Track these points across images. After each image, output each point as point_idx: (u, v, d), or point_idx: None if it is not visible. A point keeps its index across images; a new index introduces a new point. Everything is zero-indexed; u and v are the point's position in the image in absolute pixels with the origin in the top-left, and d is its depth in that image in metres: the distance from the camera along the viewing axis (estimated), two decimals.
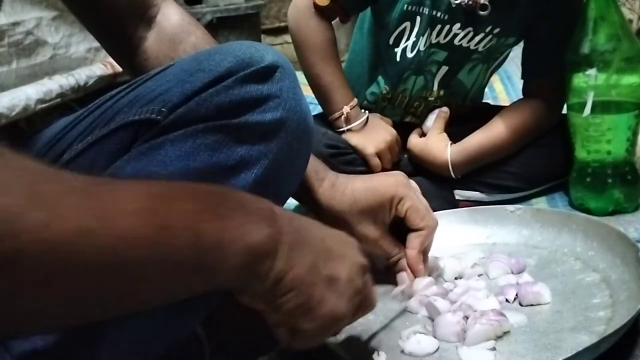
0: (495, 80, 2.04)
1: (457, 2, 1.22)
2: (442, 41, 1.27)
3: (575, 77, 1.17)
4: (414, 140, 1.31)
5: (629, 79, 1.15)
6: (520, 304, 0.85)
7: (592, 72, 1.14)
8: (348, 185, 0.87)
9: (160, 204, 0.44)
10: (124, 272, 0.42)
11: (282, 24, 2.94)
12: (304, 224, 0.59)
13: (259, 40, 2.59)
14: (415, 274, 0.88)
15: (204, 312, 0.66)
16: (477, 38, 1.26)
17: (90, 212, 0.39)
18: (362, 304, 0.64)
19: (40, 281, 0.37)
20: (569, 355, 0.67)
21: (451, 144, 1.28)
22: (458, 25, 1.24)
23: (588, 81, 1.15)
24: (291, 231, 0.54)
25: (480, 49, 1.28)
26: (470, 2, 1.22)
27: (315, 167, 0.84)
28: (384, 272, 0.91)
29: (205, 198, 0.49)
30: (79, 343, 0.55)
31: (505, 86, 2.01)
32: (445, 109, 1.31)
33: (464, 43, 1.27)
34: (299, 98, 0.67)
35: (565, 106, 1.24)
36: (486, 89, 1.48)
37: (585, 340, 0.73)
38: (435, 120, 1.30)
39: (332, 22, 1.30)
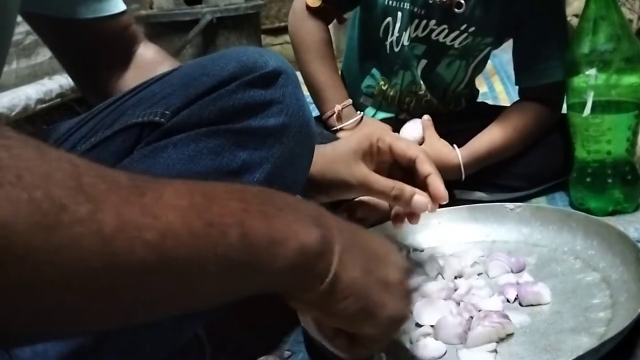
0: (495, 80, 2.04)
1: None
2: (420, 35, 1.28)
3: (575, 77, 1.18)
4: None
5: (629, 79, 1.15)
6: (520, 304, 0.85)
7: (592, 72, 1.14)
8: (328, 145, 0.87)
9: (206, 201, 0.43)
10: (174, 268, 0.40)
11: (282, 24, 2.94)
12: (350, 226, 0.57)
13: (259, 40, 2.59)
14: (440, 199, 0.82)
15: (205, 316, 0.66)
16: (452, 35, 1.28)
17: (136, 207, 0.38)
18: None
19: (87, 275, 0.36)
20: (570, 359, 0.67)
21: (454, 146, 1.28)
22: (434, 21, 1.26)
23: (588, 81, 1.15)
24: (342, 234, 0.53)
25: (456, 46, 1.30)
26: (445, 0, 1.23)
27: None
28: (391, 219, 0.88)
29: (251, 197, 0.47)
30: (79, 344, 0.55)
31: (505, 86, 2.01)
32: (426, 116, 1.30)
33: (441, 38, 1.28)
34: (302, 104, 0.67)
35: (565, 106, 1.25)
36: (486, 89, 1.49)
37: (585, 342, 0.73)
38: (426, 129, 1.28)
39: (332, 23, 1.32)
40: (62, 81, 1.75)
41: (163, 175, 0.58)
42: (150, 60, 0.86)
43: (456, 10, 1.24)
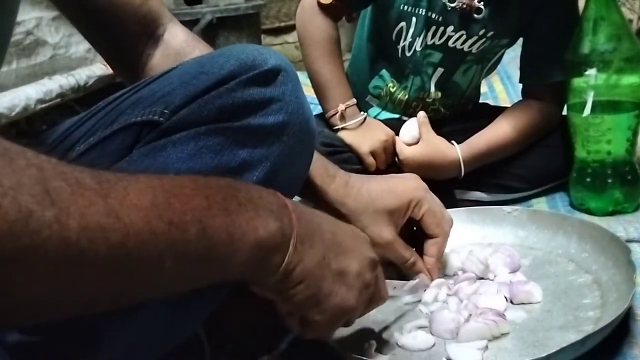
0: (495, 80, 2.04)
1: (452, 4, 1.23)
2: (437, 42, 1.28)
3: (575, 77, 1.18)
4: (410, 150, 1.28)
5: (629, 79, 1.15)
6: (512, 302, 0.86)
7: (592, 72, 1.15)
8: (363, 185, 0.87)
9: (168, 199, 0.45)
10: (135, 265, 0.43)
11: (282, 24, 2.94)
12: (316, 218, 0.60)
13: (259, 40, 2.59)
14: (432, 279, 0.90)
15: (203, 314, 0.66)
16: (470, 41, 1.27)
17: (101, 209, 0.40)
18: (373, 297, 0.66)
19: (54, 274, 0.39)
20: (554, 351, 0.68)
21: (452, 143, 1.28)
22: (452, 27, 1.26)
23: (588, 81, 1.15)
24: (302, 225, 0.55)
25: (474, 51, 1.29)
26: (465, 6, 1.23)
27: (324, 165, 0.85)
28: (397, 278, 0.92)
29: (214, 193, 0.49)
30: (79, 344, 0.55)
31: (505, 86, 2.01)
32: (422, 113, 1.30)
33: (458, 45, 1.28)
34: (302, 101, 0.67)
35: (565, 106, 1.25)
36: (486, 89, 1.49)
37: (572, 338, 0.74)
38: (422, 126, 1.28)
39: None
40: (62, 81, 1.74)
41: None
42: (178, 49, 0.84)
43: (476, 15, 1.24)
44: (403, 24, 1.28)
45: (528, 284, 0.87)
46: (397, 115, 1.38)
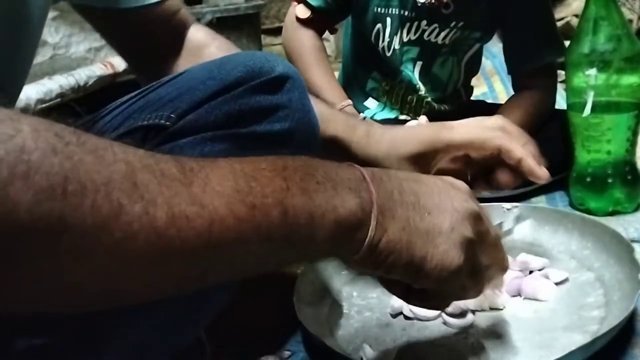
0: (495, 81, 2.05)
1: (422, 1, 1.28)
2: (412, 38, 1.33)
3: (575, 77, 1.18)
4: None
5: (629, 79, 1.15)
6: (520, 296, 0.86)
7: (592, 72, 1.15)
8: (385, 132, 0.86)
9: (248, 183, 0.46)
10: (221, 250, 0.44)
11: (282, 24, 2.94)
12: (396, 181, 0.57)
13: (259, 40, 2.59)
14: (539, 176, 0.85)
15: (208, 317, 0.67)
16: (443, 33, 1.32)
17: (186, 198, 0.42)
18: (488, 251, 0.62)
19: (145, 265, 0.41)
20: (563, 354, 0.68)
21: None
22: (425, 21, 1.31)
23: (588, 81, 1.15)
24: (382, 195, 0.54)
25: (447, 42, 1.34)
26: (434, 2, 1.28)
27: (344, 119, 0.86)
28: None
29: (292, 174, 0.49)
30: (82, 347, 0.55)
31: (505, 86, 2.02)
32: (423, 117, 1.32)
33: (432, 38, 1.33)
34: (308, 109, 0.67)
35: (565, 105, 1.25)
36: (486, 89, 1.50)
37: (579, 339, 0.74)
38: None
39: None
40: (62, 81, 1.74)
41: None
42: (197, 44, 0.86)
43: (444, 11, 1.29)
44: (379, 25, 1.33)
45: (539, 279, 0.87)
46: (393, 116, 1.39)
